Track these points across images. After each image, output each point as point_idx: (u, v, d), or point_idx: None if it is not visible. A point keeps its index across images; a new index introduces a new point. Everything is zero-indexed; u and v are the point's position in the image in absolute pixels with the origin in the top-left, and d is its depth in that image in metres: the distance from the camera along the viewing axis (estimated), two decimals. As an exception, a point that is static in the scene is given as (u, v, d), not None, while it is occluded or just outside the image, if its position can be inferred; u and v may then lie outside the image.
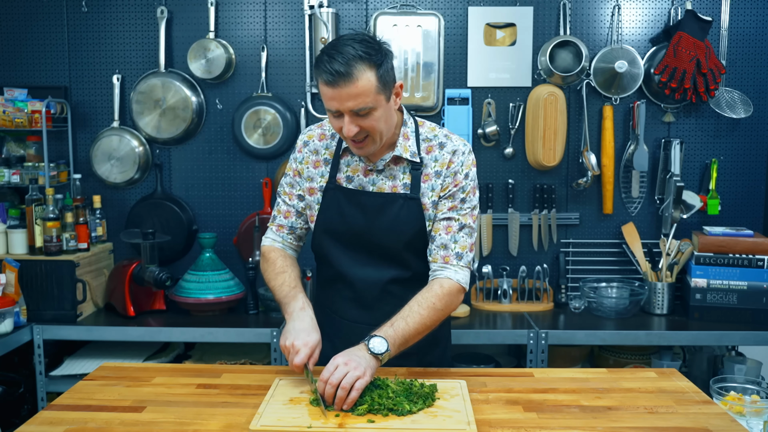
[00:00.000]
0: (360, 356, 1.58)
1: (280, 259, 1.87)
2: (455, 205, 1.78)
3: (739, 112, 3.00)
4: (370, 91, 1.60)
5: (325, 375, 1.53)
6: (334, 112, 1.65)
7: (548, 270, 3.05)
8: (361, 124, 1.64)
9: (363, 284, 1.84)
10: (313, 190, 1.85)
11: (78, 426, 1.48)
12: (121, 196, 3.18)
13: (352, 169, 1.81)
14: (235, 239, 3.14)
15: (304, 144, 1.88)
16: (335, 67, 1.57)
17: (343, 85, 1.58)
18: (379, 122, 1.66)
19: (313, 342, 1.65)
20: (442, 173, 1.78)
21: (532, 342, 2.68)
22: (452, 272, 1.76)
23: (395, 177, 1.79)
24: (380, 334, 1.64)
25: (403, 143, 1.78)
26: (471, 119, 3.02)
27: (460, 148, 1.79)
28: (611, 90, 3.00)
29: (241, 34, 3.09)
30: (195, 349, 3.06)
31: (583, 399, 1.64)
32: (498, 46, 3.05)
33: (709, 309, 2.82)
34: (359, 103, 1.60)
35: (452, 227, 1.78)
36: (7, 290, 2.66)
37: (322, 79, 1.60)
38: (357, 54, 1.58)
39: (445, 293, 1.74)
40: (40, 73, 3.14)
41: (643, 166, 3.02)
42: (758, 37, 3.06)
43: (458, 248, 1.77)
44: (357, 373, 1.53)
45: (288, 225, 1.91)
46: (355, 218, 1.79)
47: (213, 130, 3.14)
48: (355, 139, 1.67)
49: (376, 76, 1.61)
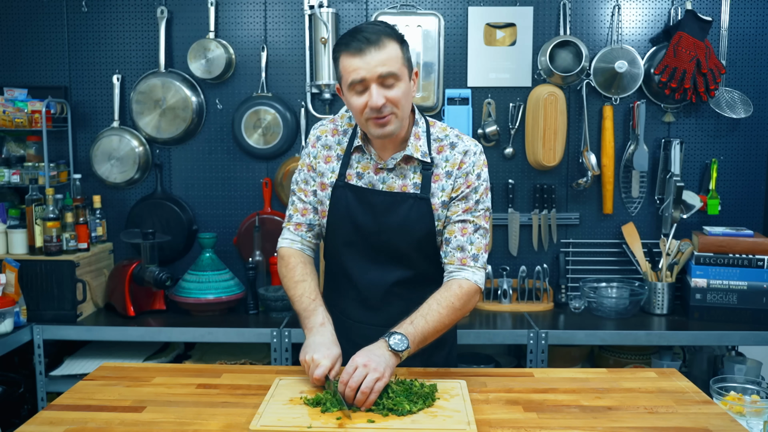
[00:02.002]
0: (379, 355, 1.58)
1: (300, 267, 1.85)
2: (470, 207, 1.78)
3: (739, 112, 3.00)
4: (397, 58, 1.66)
5: (345, 377, 1.53)
6: (358, 88, 1.66)
7: (548, 270, 3.05)
8: (386, 96, 1.65)
9: (368, 285, 1.84)
10: (325, 185, 1.84)
11: (78, 426, 1.48)
12: (121, 196, 3.18)
13: (362, 166, 1.81)
14: (235, 239, 3.14)
15: (317, 139, 1.88)
16: (365, 35, 1.63)
17: (373, 51, 1.62)
18: (403, 96, 1.68)
19: (334, 355, 1.64)
20: (452, 173, 1.78)
21: (532, 342, 2.68)
22: (470, 273, 1.77)
23: (405, 176, 1.79)
24: (400, 331, 1.64)
25: (414, 143, 1.78)
26: (471, 119, 3.02)
27: (471, 149, 1.80)
28: (611, 90, 3.00)
29: (241, 34, 3.09)
30: (195, 349, 3.06)
31: (583, 399, 1.63)
32: (498, 46, 3.05)
33: (709, 309, 2.82)
34: (388, 67, 1.64)
35: (467, 229, 1.78)
36: (7, 290, 2.66)
37: (350, 51, 1.64)
38: (382, 29, 1.67)
39: (464, 293, 1.74)
40: (40, 73, 3.14)
41: (643, 166, 3.02)
42: (758, 37, 3.06)
43: (474, 250, 1.78)
44: (376, 375, 1.53)
45: (306, 222, 1.89)
46: (364, 217, 1.79)
47: (213, 130, 3.14)
48: (380, 113, 1.66)
49: (401, 49, 1.68)
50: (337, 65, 1.70)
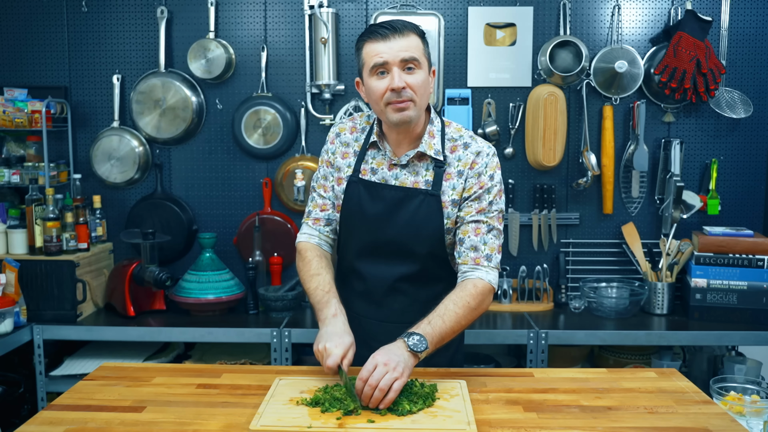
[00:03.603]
0: (399, 354, 1.58)
1: (316, 260, 1.88)
2: (483, 207, 1.80)
3: (739, 112, 2.99)
4: (419, 47, 1.74)
5: (364, 374, 1.54)
6: (380, 70, 1.71)
7: (548, 270, 3.05)
8: (407, 81, 1.71)
9: (373, 279, 1.87)
10: (341, 180, 1.89)
11: (78, 426, 1.48)
12: (121, 196, 3.18)
13: (377, 162, 1.85)
14: (235, 239, 3.14)
15: (336, 135, 1.93)
16: (390, 23, 1.72)
17: (397, 37, 1.71)
18: (422, 85, 1.74)
19: (347, 344, 1.66)
20: (464, 173, 1.80)
21: (532, 342, 2.68)
22: (483, 273, 1.78)
23: (418, 173, 1.82)
24: (418, 331, 1.64)
25: (429, 141, 1.81)
26: (471, 119, 3.01)
27: (484, 150, 1.82)
28: (611, 90, 3.00)
29: (241, 34, 3.09)
30: (195, 349, 3.06)
31: (583, 399, 1.64)
32: (498, 46, 3.05)
33: (709, 309, 2.82)
34: (411, 52, 1.71)
35: (481, 229, 1.80)
36: (7, 290, 2.66)
37: (373, 37, 1.72)
38: (405, 23, 1.75)
39: (479, 293, 1.75)
40: (40, 73, 3.14)
41: (643, 166, 3.02)
42: (758, 37, 3.06)
43: (487, 250, 1.79)
44: (395, 375, 1.53)
45: (324, 217, 1.93)
46: (375, 211, 1.82)
47: (213, 130, 3.14)
48: (400, 97, 1.71)
49: (422, 42, 1.76)
50: (360, 54, 1.77)
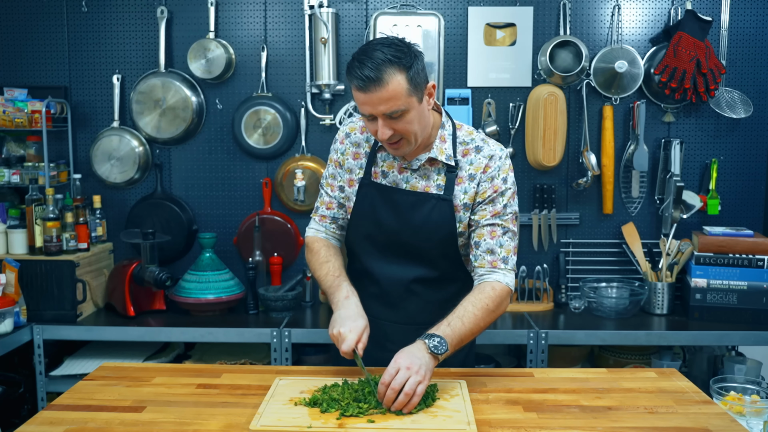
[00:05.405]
0: (420, 357, 1.58)
1: (324, 249, 1.90)
2: (498, 210, 1.79)
3: (739, 112, 2.99)
4: (401, 94, 1.62)
5: (387, 378, 1.53)
6: (367, 116, 1.68)
7: (548, 270, 3.05)
8: (394, 127, 1.67)
9: (388, 282, 1.87)
10: (352, 181, 1.89)
11: (78, 426, 1.48)
12: (121, 196, 3.18)
13: (387, 165, 1.85)
14: (235, 239, 3.14)
15: (346, 135, 1.91)
16: (365, 73, 1.60)
17: (375, 89, 1.61)
18: (413, 124, 1.68)
19: (360, 327, 1.67)
20: (476, 177, 1.79)
21: (532, 342, 2.68)
22: (501, 275, 1.78)
23: (429, 177, 1.82)
24: (438, 333, 1.64)
25: (440, 146, 1.80)
26: (471, 119, 3.02)
27: (497, 153, 1.81)
28: (611, 90, 3.00)
29: (241, 34, 3.09)
30: (195, 349, 3.06)
31: (583, 399, 1.64)
32: (498, 46, 3.05)
33: (709, 309, 2.82)
34: (391, 106, 1.63)
35: (496, 232, 1.79)
36: (7, 290, 2.66)
37: (354, 85, 1.64)
38: (386, 58, 1.61)
39: (497, 295, 1.75)
40: (40, 73, 3.14)
41: (643, 166, 3.02)
42: (758, 37, 3.06)
43: (504, 252, 1.79)
44: (418, 378, 1.53)
45: (330, 216, 1.94)
46: (387, 215, 1.82)
47: (213, 130, 3.14)
48: (389, 141, 1.70)
49: (407, 78, 1.63)
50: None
